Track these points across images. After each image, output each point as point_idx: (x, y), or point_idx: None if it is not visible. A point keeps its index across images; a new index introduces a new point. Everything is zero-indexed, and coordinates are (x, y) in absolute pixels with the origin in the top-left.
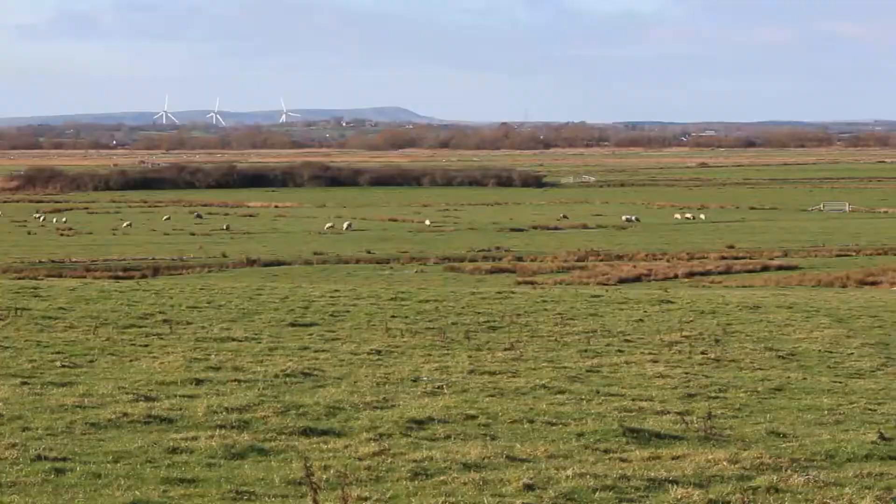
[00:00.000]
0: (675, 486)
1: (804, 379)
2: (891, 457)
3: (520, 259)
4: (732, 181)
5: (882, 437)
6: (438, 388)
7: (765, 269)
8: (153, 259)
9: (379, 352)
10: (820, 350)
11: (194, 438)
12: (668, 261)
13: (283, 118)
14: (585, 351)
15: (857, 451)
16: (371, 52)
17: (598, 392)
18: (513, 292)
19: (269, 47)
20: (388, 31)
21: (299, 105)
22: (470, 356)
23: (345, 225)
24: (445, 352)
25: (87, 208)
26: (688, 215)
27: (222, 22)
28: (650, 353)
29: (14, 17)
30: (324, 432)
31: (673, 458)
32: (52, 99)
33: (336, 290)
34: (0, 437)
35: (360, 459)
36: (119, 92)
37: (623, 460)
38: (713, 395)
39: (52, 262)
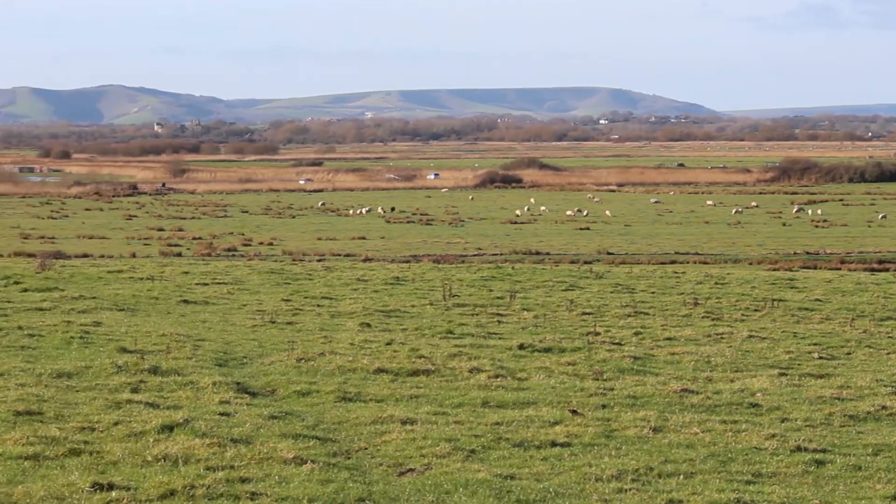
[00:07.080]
0: None
1: None
2: None
3: None
4: None
5: None
6: None
7: None
8: None
9: None
10: None
11: None
12: None
13: None
14: None
15: None
16: None
17: None
18: None
19: None
20: None
21: None
22: None
23: None
24: None
25: (841, 200)
26: None
27: None
28: None
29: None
30: None
31: None
32: (806, 90)
33: None
34: (760, 427)
35: None
36: (872, 83)
37: None
38: None
39: (807, 253)
